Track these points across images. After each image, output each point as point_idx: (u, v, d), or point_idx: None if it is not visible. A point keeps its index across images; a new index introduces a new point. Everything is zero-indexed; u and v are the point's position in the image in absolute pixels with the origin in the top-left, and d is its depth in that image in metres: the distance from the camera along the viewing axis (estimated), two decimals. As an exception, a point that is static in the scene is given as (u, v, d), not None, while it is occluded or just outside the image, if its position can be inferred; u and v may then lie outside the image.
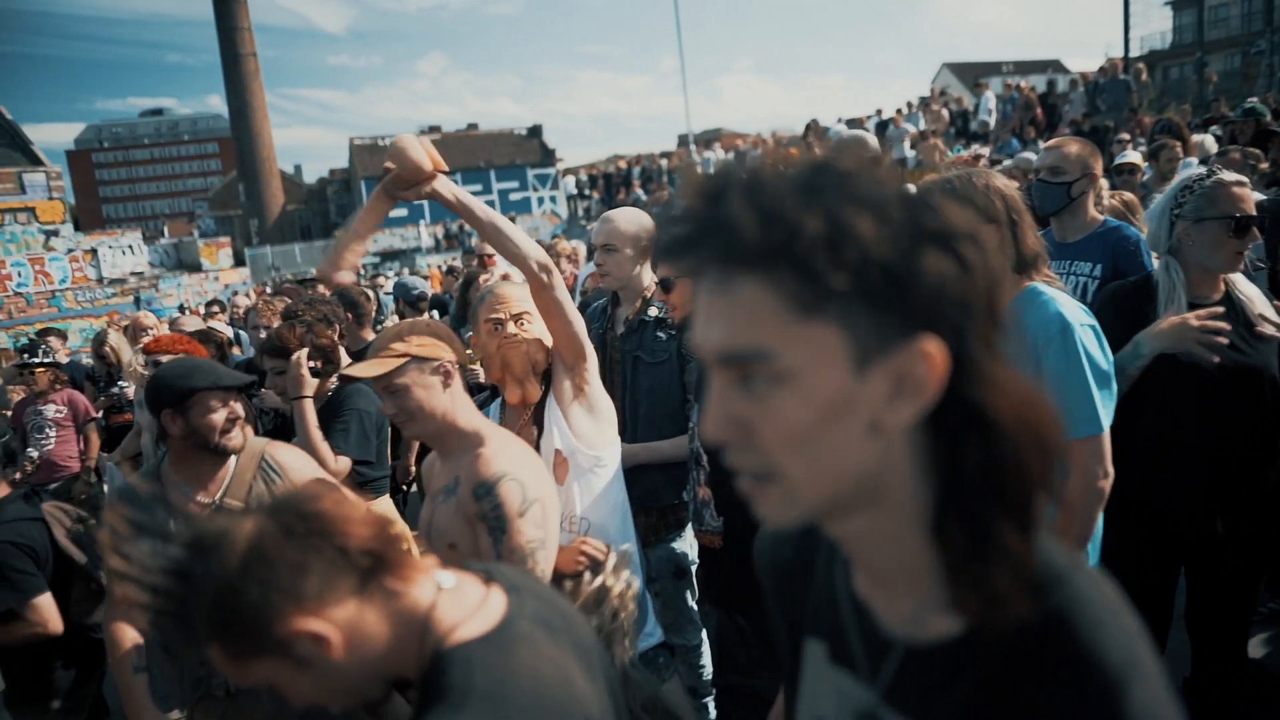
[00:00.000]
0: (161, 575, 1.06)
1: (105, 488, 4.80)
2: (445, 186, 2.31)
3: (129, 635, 2.64)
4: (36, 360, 5.78)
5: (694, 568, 3.30)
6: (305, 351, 3.36)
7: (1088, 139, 4.94)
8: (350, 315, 4.52)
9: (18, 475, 6.43)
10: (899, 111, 19.63)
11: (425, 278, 8.46)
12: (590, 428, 2.51)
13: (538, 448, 2.43)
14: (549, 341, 2.52)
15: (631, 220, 3.35)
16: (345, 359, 3.72)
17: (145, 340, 4.72)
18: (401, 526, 1.15)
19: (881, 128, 20.42)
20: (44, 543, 2.98)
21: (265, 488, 2.68)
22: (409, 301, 5.86)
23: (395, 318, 6.09)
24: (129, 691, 2.60)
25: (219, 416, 2.54)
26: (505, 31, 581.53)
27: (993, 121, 17.53)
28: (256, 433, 2.81)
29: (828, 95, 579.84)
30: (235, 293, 21.08)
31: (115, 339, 6.27)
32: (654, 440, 3.25)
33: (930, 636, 0.83)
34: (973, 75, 36.58)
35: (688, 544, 3.33)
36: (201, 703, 2.65)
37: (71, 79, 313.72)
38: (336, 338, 3.56)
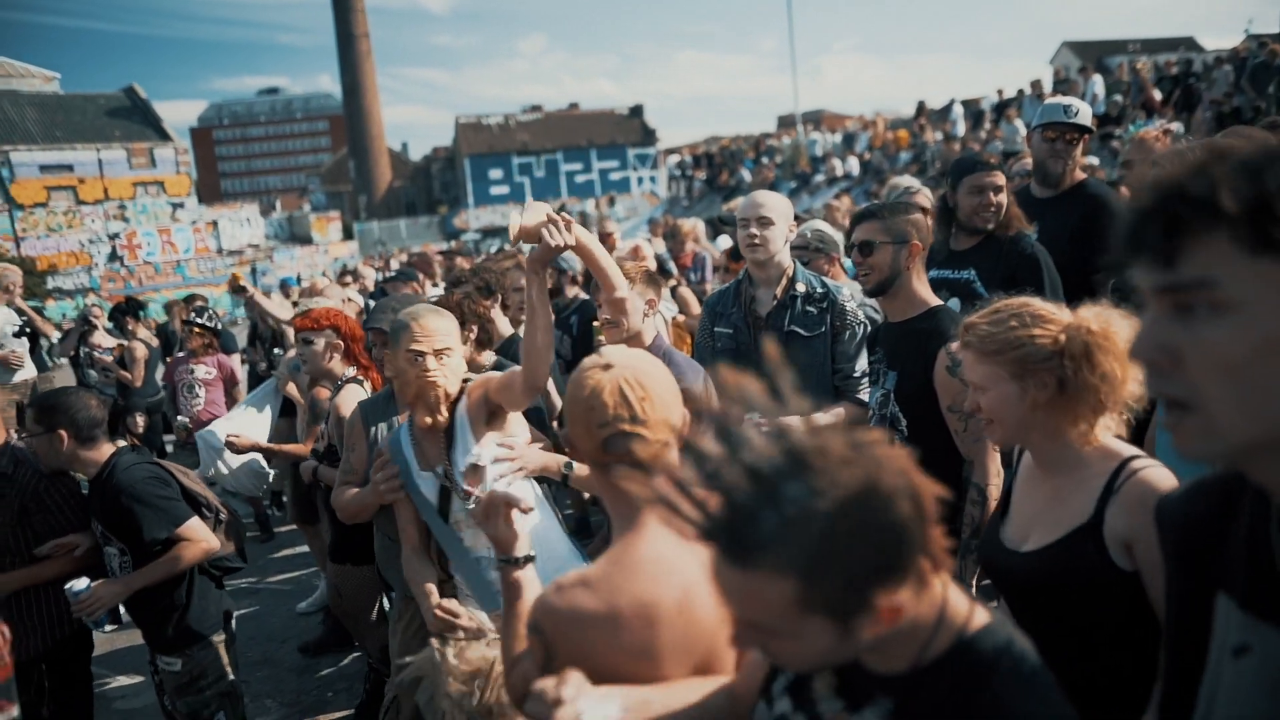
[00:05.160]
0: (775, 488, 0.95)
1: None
2: (580, 238, 2.53)
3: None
4: (201, 322, 6.11)
5: None
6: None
7: (1229, 120, 4.61)
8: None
9: (131, 441, 6.84)
10: (1020, 92, 18.86)
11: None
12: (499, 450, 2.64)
13: (450, 466, 2.62)
14: (463, 374, 2.70)
15: (782, 199, 3.46)
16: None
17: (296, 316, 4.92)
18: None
19: (999, 109, 19.69)
20: (171, 478, 3.14)
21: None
22: (561, 272, 5.83)
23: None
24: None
25: (380, 353, 2.97)
26: (604, 11, 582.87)
27: (1095, 107, 16.53)
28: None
29: (935, 75, 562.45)
30: (344, 267, 21.83)
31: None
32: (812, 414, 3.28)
33: None
34: (1095, 54, 34.78)
35: None
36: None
37: (194, 59, 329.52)
38: (495, 308, 3.62)
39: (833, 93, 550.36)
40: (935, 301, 2.84)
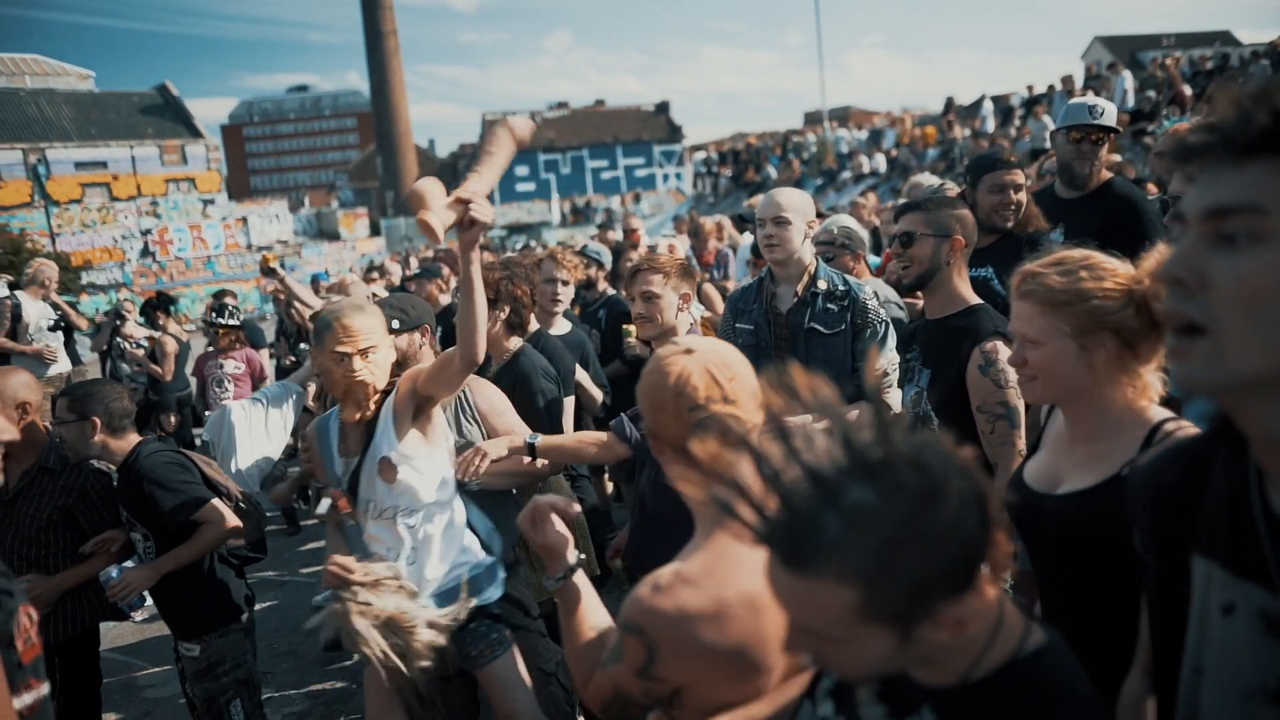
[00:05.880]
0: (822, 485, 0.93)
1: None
2: (485, 189, 2.42)
3: None
4: (223, 321, 6.20)
5: None
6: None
7: None
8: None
9: (159, 435, 6.95)
10: (1051, 88, 18.62)
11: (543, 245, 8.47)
12: (420, 448, 2.69)
13: (364, 456, 2.67)
14: (388, 369, 2.70)
15: (800, 196, 3.42)
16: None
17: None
18: None
19: (1029, 105, 19.45)
20: (193, 465, 3.24)
21: (458, 415, 3.02)
22: (600, 265, 5.82)
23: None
24: None
25: None
26: (630, 7, 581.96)
27: (1126, 103, 16.21)
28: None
29: (965, 71, 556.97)
30: (372, 263, 22.02)
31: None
32: None
33: None
34: (1129, 49, 34.27)
35: None
36: None
37: (225, 57, 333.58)
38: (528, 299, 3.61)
39: (860, 89, 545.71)
40: (975, 300, 2.77)
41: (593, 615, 1.67)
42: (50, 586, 3.10)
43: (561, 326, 4.50)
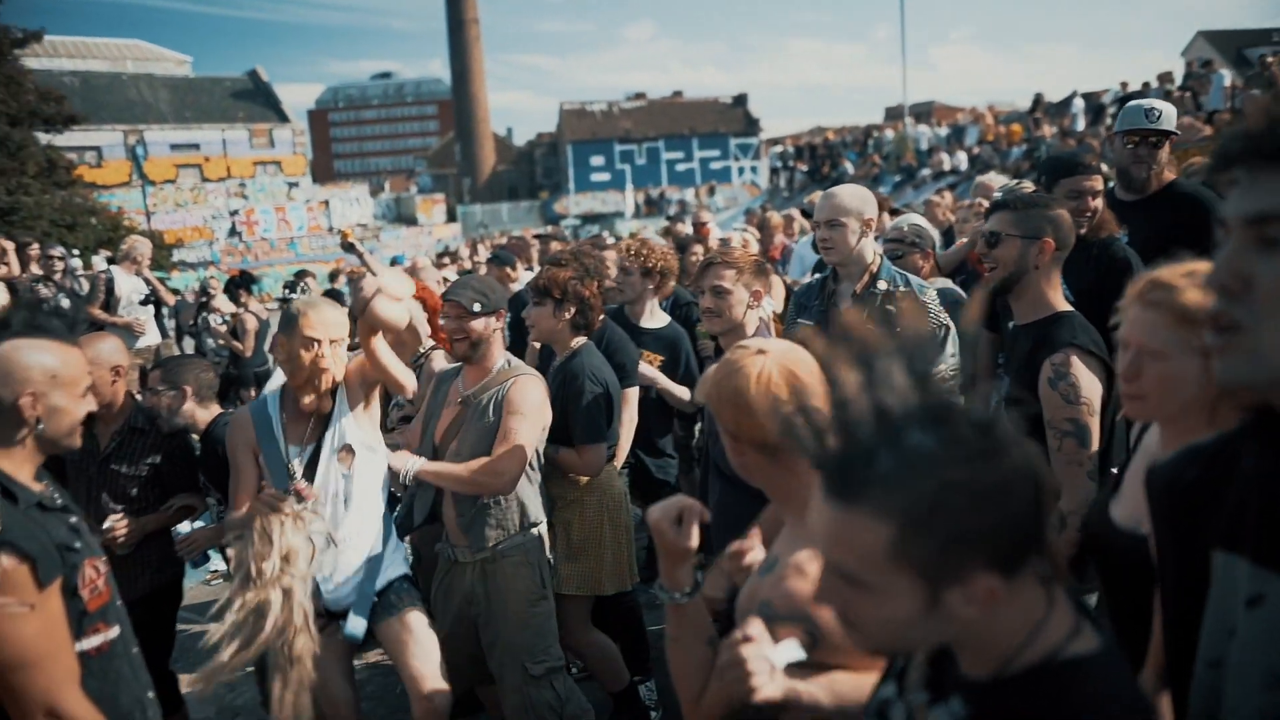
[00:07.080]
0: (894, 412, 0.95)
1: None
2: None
3: None
4: (294, 298, 6.43)
5: None
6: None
7: None
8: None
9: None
10: (1145, 85, 17.89)
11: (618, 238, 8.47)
12: (369, 427, 3.04)
13: (320, 444, 2.94)
14: (346, 364, 2.98)
15: (855, 195, 3.35)
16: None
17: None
18: None
19: (1122, 102, 18.70)
20: None
21: (494, 400, 3.12)
22: None
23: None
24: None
25: (450, 325, 3.19)
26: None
27: (1227, 102, 15.39)
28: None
29: (1056, 67, 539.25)
30: (446, 249, 22.40)
31: (372, 283, 6.86)
32: None
33: None
34: (1234, 45, 32.60)
35: None
36: None
37: (313, 43, 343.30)
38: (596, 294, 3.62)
39: (949, 83, 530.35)
40: (1063, 306, 2.64)
41: (708, 628, 1.61)
42: (137, 525, 3.25)
43: (659, 319, 4.46)
